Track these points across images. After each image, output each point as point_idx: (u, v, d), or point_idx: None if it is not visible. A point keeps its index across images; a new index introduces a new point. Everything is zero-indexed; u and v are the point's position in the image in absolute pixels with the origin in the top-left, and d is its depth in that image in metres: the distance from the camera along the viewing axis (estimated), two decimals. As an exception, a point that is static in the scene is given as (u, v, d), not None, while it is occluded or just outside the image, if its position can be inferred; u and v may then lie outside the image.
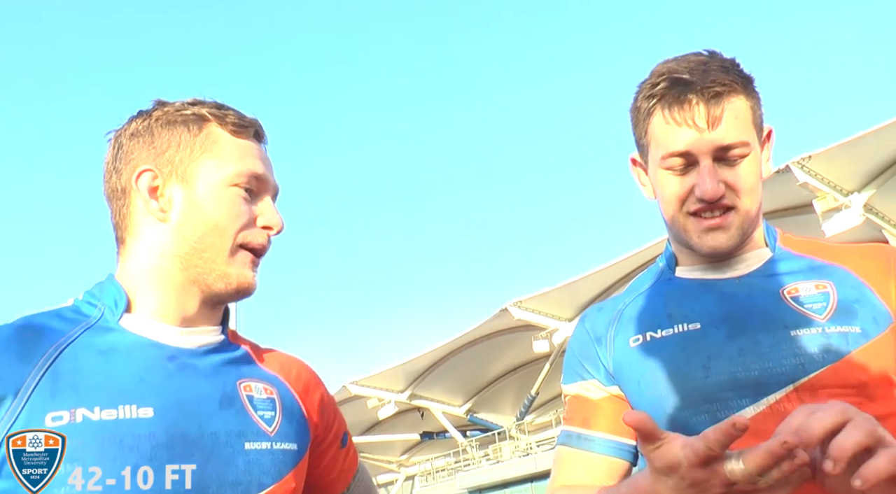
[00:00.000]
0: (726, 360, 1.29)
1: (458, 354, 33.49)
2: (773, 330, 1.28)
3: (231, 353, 1.23)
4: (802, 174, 18.83)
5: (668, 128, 1.32)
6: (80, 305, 1.18)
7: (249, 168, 1.22)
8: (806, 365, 1.24)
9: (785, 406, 1.23)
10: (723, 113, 1.28)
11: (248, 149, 1.24)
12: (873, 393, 1.23)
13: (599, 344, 1.44)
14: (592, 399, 1.42)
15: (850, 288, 1.31)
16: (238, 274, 1.20)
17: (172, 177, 1.20)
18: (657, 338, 1.36)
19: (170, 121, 1.22)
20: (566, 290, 27.15)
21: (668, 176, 1.34)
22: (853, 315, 1.28)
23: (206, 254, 1.18)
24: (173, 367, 1.14)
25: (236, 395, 1.17)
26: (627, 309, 1.45)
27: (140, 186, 1.19)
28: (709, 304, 1.35)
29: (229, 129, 1.23)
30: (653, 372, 1.34)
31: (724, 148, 1.29)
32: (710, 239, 1.32)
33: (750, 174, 1.31)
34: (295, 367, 1.33)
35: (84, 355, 1.09)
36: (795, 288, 1.32)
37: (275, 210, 1.25)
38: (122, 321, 1.16)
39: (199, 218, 1.18)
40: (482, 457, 36.54)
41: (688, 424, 1.29)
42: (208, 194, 1.19)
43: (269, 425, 1.18)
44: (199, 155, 1.21)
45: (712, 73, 1.29)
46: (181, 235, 1.18)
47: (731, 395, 1.27)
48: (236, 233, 1.19)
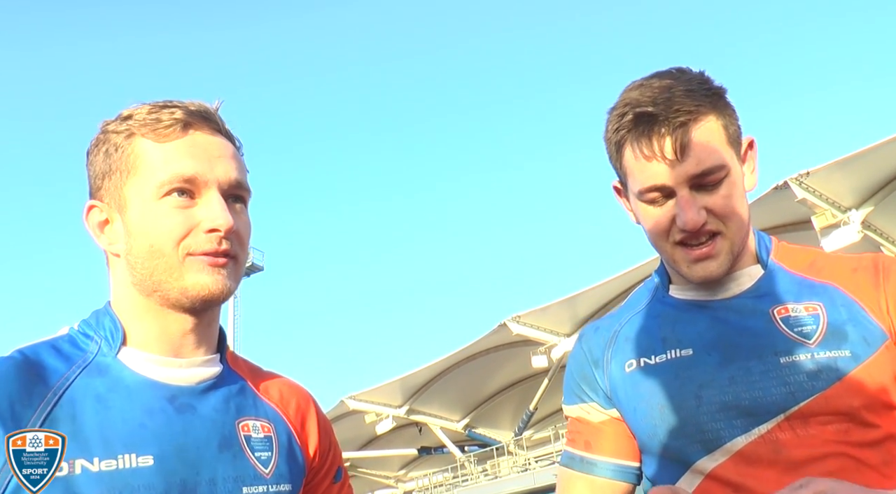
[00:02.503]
0: (717, 389, 1.28)
1: (456, 369, 33.38)
2: (763, 356, 1.27)
3: (230, 387, 1.21)
4: (801, 190, 18.84)
5: (639, 163, 1.29)
6: (77, 338, 1.16)
7: (174, 172, 1.12)
8: (796, 394, 1.23)
9: (776, 435, 1.23)
10: (691, 141, 1.25)
11: (175, 150, 1.14)
12: (866, 418, 1.22)
13: (597, 367, 1.44)
14: (593, 422, 1.43)
15: (842, 308, 1.29)
16: (194, 284, 1.12)
17: (112, 208, 1.16)
18: (651, 365, 1.36)
19: (104, 146, 1.17)
20: (565, 305, 27.10)
21: (649, 208, 1.32)
22: (843, 337, 1.26)
23: (155, 277, 1.12)
24: (173, 410, 1.11)
25: (234, 437, 1.15)
26: (623, 331, 1.45)
27: (90, 223, 1.17)
28: (701, 328, 1.35)
29: (152, 137, 1.15)
30: (647, 401, 1.34)
31: (698, 175, 1.25)
32: (700, 269, 1.30)
33: (731, 196, 1.28)
34: (294, 398, 1.30)
35: (82, 400, 1.07)
36: (785, 308, 1.31)
37: (219, 207, 1.13)
38: (119, 354, 1.14)
39: (137, 243, 1.13)
40: (480, 473, 36.37)
41: (682, 454, 1.30)
42: (140, 216, 1.13)
43: (266, 466, 1.17)
44: (126, 178, 1.15)
45: (676, 100, 1.25)
46: (131, 265, 1.14)
47: (722, 426, 1.26)
48: (175, 246, 1.11)
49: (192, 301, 1.13)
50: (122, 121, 1.17)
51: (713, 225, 1.28)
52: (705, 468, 1.27)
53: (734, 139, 1.32)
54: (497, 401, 37.59)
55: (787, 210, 19.67)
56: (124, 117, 1.17)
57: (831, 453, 1.20)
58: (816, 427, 1.22)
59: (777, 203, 19.14)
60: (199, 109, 1.18)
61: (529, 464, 33.21)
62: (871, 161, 18.41)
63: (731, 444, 1.25)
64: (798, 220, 20.53)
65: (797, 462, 1.20)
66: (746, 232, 1.34)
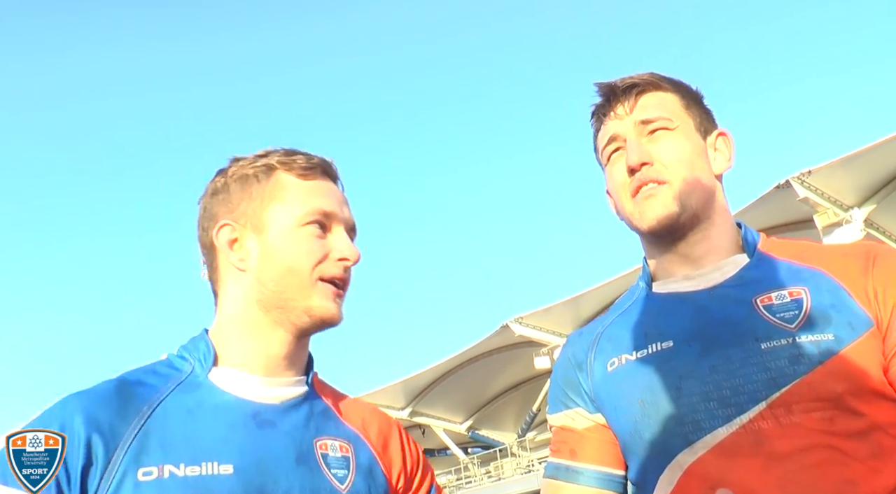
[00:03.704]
0: (698, 379, 1.26)
1: (459, 371, 33.43)
2: (743, 343, 1.25)
3: (312, 408, 1.28)
4: (803, 189, 18.89)
5: (601, 130, 1.44)
6: (174, 360, 1.26)
7: (316, 206, 1.27)
8: (777, 380, 1.20)
9: (758, 424, 1.19)
10: (640, 98, 1.39)
11: (315, 188, 1.30)
12: (851, 404, 1.18)
13: (581, 370, 1.43)
14: (578, 429, 1.41)
15: (826, 293, 1.26)
16: (320, 306, 1.25)
17: (248, 228, 1.27)
18: (632, 360, 1.35)
19: (242, 175, 1.30)
20: (567, 306, 27.16)
21: (610, 169, 1.42)
22: (827, 321, 1.23)
23: (285, 295, 1.24)
24: (254, 425, 1.20)
25: (311, 453, 1.22)
26: (606, 332, 1.44)
27: (220, 240, 1.28)
28: (683, 320, 1.33)
29: (296, 174, 1.29)
30: (628, 397, 1.33)
31: (643, 122, 1.37)
32: (647, 206, 1.34)
33: (677, 147, 1.36)
34: (376, 422, 1.37)
35: (174, 413, 1.17)
36: (769, 296, 1.29)
37: (349, 242, 1.30)
38: (210, 374, 1.24)
39: (274, 262, 1.25)
40: (483, 474, 36.37)
41: (665, 448, 1.27)
42: (280, 238, 1.26)
43: (342, 483, 1.23)
44: (268, 203, 1.27)
45: (635, 75, 1.41)
46: (260, 281, 1.25)
47: (703, 416, 1.23)
48: (311, 268, 1.24)
49: (313, 320, 1.26)
50: (258, 158, 1.32)
51: (656, 171, 1.34)
52: (685, 462, 1.24)
53: (695, 117, 1.41)
54: (500, 403, 37.64)
55: (789, 209, 19.70)
56: (259, 155, 1.33)
57: (816, 444, 1.16)
58: (800, 415, 1.18)
59: (779, 202, 19.18)
60: (328, 160, 1.35)
61: (533, 466, 33.19)
62: (872, 159, 18.44)
63: (712, 436, 1.22)
64: (800, 219, 20.55)
65: (780, 454, 1.17)
66: (704, 195, 1.36)
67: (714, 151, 1.41)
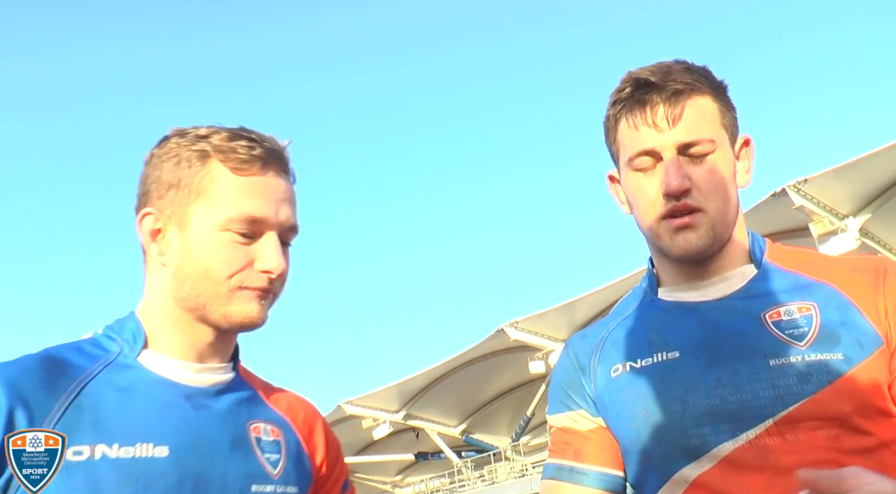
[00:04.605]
0: (703, 393, 1.25)
1: (453, 374, 33.36)
2: (751, 358, 1.24)
3: (241, 393, 1.25)
4: (798, 197, 18.91)
5: (632, 132, 1.31)
6: (100, 339, 1.20)
7: (245, 211, 1.16)
8: (785, 398, 1.20)
9: (764, 440, 1.19)
10: (683, 110, 1.27)
11: (249, 187, 1.18)
12: (858, 424, 1.18)
13: (583, 374, 1.41)
14: (581, 430, 1.39)
15: (835, 310, 1.25)
16: (239, 312, 1.18)
17: (172, 221, 1.19)
18: (637, 368, 1.33)
19: (175, 157, 1.19)
20: (562, 311, 27.12)
21: (638, 178, 1.31)
22: (836, 340, 1.22)
23: (201, 299, 1.17)
24: (189, 406, 1.16)
25: (246, 437, 1.20)
26: (610, 336, 1.42)
27: (143, 229, 1.21)
28: (689, 330, 1.31)
29: (231, 166, 1.18)
30: (631, 406, 1.31)
31: (686, 144, 1.27)
32: (681, 239, 1.28)
33: (716, 173, 1.28)
34: (302, 409, 1.34)
35: (104, 392, 1.12)
36: (777, 311, 1.27)
37: (275, 251, 1.18)
38: (140, 357, 1.18)
39: (191, 263, 1.17)
40: (477, 478, 36.29)
41: (668, 461, 1.26)
42: (200, 240, 1.17)
43: (275, 467, 1.21)
44: (195, 197, 1.17)
45: (674, 73, 1.29)
46: (177, 280, 1.18)
47: (708, 431, 1.23)
48: (228, 278, 1.16)
49: (231, 325, 1.19)
50: (198, 138, 1.20)
51: (695, 200, 1.27)
52: (689, 475, 1.23)
53: (730, 127, 1.33)
54: (494, 407, 37.56)
55: (785, 217, 19.72)
56: (200, 136, 1.20)
57: (821, 460, 1.15)
58: (806, 433, 1.18)
59: (775, 210, 19.20)
60: (275, 149, 1.22)
61: (526, 470, 33.14)
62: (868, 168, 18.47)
63: (718, 450, 1.21)
64: (796, 227, 20.57)
65: (785, 468, 1.15)
66: (731, 220, 1.32)
67: (737, 162, 1.35)
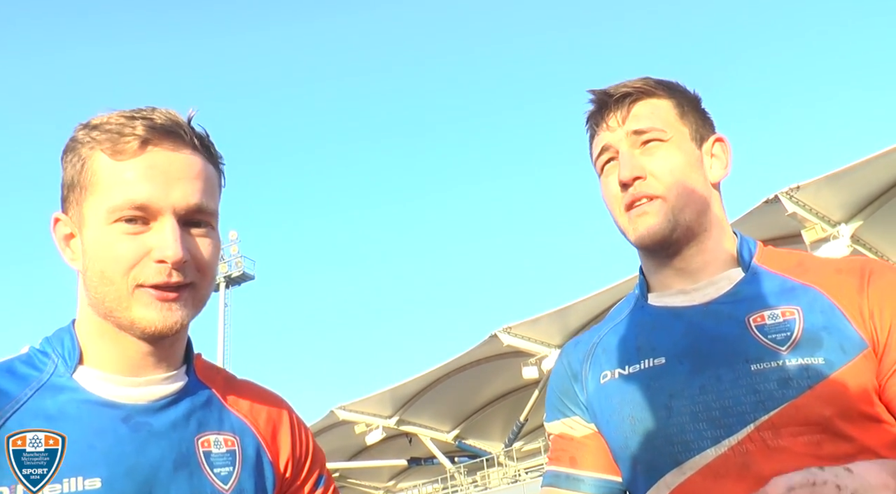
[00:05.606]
0: (688, 399, 1.26)
1: (446, 380, 33.29)
2: (733, 364, 1.24)
3: (193, 401, 1.17)
4: (791, 204, 18.96)
5: (595, 139, 1.41)
6: (35, 357, 1.12)
7: (127, 197, 1.05)
8: (766, 403, 1.20)
9: (746, 446, 1.20)
10: (632, 108, 1.36)
11: (128, 172, 1.06)
12: (840, 428, 1.18)
13: (576, 381, 1.44)
14: (577, 437, 1.42)
15: (819, 313, 1.25)
16: (141, 318, 1.07)
17: (75, 224, 1.11)
18: (625, 375, 1.35)
19: (70, 153, 1.10)
20: (556, 317, 27.10)
21: (605, 179, 1.39)
22: (818, 344, 1.22)
23: (106, 304, 1.08)
24: (126, 430, 1.07)
25: (192, 454, 1.12)
26: (601, 343, 1.44)
27: (56, 236, 1.13)
28: (675, 336, 1.32)
29: (109, 152, 1.07)
30: (619, 412, 1.33)
31: (636, 133, 1.34)
32: (640, 223, 1.33)
33: (672, 160, 1.33)
34: (265, 408, 1.27)
35: (31, 423, 1.04)
36: (762, 315, 1.27)
37: (171, 237, 1.06)
38: (75, 374, 1.10)
39: (91, 266, 1.08)
40: (470, 484, 36.21)
41: (653, 467, 1.28)
42: (94, 238, 1.07)
43: (226, 482, 1.14)
44: (86, 195, 1.08)
45: (628, 82, 1.38)
46: (86, 286, 1.10)
47: (692, 437, 1.24)
48: (124, 275, 1.06)
49: (142, 333, 1.09)
50: (90, 130, 1.09)
51: (651, 187, 1.32)
52: (672, 483, 1.25)
53: (690, 125, 1.38)
54: (487, 412, 37.49)
55: (777, 223, 19.77)
56: (92, 126, 1.10)
57: (801, 467, 1.12)
58: (787, 439, 1.18)
59: (767, 216, 19.25)
60: (165, 122, 1.08)
61: (519, 475, 33.10)
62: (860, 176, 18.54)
63: (701, 457, 1.22)
64: (788, 234, 20.62)
65: (766, 477, 1.13)
66: (698, 209, 1.34)
67: (710, 158, 1.39)
